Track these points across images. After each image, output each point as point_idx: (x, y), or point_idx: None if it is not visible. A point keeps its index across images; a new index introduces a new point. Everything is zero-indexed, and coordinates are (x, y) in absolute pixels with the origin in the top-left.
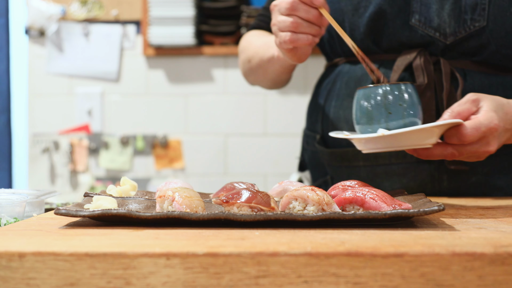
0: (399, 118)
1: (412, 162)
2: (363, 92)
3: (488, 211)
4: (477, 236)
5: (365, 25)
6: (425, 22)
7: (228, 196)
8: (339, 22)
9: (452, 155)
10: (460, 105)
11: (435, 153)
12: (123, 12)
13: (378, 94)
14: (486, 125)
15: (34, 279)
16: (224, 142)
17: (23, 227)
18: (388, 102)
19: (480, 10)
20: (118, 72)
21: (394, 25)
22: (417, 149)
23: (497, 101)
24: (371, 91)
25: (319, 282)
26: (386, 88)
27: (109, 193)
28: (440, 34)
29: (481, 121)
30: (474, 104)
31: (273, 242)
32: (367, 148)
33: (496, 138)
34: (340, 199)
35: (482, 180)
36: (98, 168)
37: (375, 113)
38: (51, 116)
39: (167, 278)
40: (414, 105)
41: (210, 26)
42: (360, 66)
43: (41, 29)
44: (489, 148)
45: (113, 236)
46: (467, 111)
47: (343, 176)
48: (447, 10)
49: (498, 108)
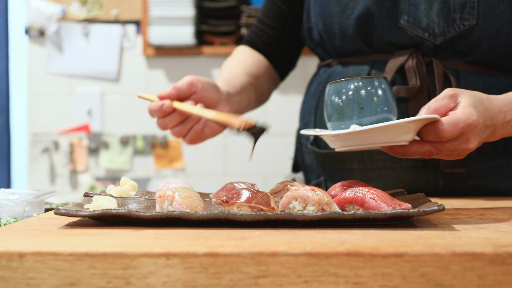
0: (372, 114)
1: (408, 167)
2: (334, 86)
3: (488, 211)
4: (477, 236)
5: (353, 26)
6: (413, 22)
7: (228, 196)
8: (328, 24)
9: (430, 153)
10: (437, 100)
11: (412, 151)
12: (123, 12)
13: (349, 89)
14: (464, 121)
15: (34, 279)
16: (224, 142)
17: (23, 227)
18: (360, 97)
19: (469, 9)
20: (118, 72)
21: (382, 26)
22: (392, 146)
23: (476, 96)
24: (342, 85)
25: (319, 282)
26: (358, 83)
27: (109, 193)
28: (429, 34)
29: (459, 117)
30: (452, 99)
31: (273, 242)
32: (340, 146)
33: (475, 134)
34: (340, 199)
35: (478, 183)
36: (98, 168)
37: (347, 108)
38: (51, 116)
39: (167, 278)
40: (388, 101)
41: (210, 26)
42: (353, 67)
43: (41, 29)
44: (469, 145)
45: (113, 236)
46: (445, 107)
47: (337, 178)
48: (435, 9)
49: (477, 103)
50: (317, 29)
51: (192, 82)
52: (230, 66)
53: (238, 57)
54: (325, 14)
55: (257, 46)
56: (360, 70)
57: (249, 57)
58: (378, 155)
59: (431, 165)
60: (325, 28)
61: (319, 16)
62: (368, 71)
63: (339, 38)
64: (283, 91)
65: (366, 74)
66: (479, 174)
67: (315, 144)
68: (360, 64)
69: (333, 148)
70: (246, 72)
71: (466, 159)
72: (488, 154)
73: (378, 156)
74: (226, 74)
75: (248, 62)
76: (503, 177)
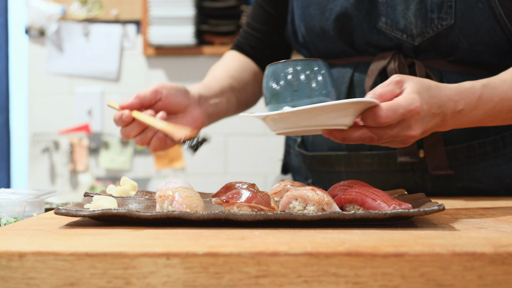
0: (305, 97)
1: (396, 170)
2: (271, 69)
3: (488, 211)
4: (477, 236)
5: (333, 28)
6: (391, 24)
7: (228, 196)
8: (310, 27)
9: (370, 139)
10: (383, 86)
11: (352, 136)
12: (123, 12)
13: (285, 72)
14: (405, 107)
15: (34, 279)
16: (224, 142)
17: (23, 227)
18: (295, 79)
19: (447, 8)
20: (118, 72)
21: (362, 28)
22: (332, 131)
23: (422, 83)
24: (278, 67)
25: (319, 282)
26: (294, 65)
27: (109, 193)
28: (408, 35)
29: (400, 102)
30: (397, 85)
31: (273, 242)
32: (278, 128)
33: (418, 121)
34: (340, 199)
35: (467, 185)
36: (98, 168)
37: (281, 90)
38: (51, 116)
39: (167, 278)
40: (325, 84)
41: (210, 26)
42: (337, 69)
43: (41, 29)
44: (411, 133)
45: (113, 236)
46: (390, 93)
47: (325, 181)
48: (412, 10)
49: (422, 90)
50: (301, 32)
51: (157, 90)
52: (214, 71)
53: (224, 61)
54: (306, 17)
55: (245, 50)
56: (343, 72)
57: (235, 61)
58: (365, 158)
59: (419, 168)
60: (307, 31)
61: (301, 19)
62: (351, 73)
63: (321, 39)
64: None
65: (350, 77)
66: (468, 176)
67: (302, 146)
68: (344, 66)
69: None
70: (230, 76)
71: (455, 161)
72: (477, 156)
73: (365, 159)
74: (207, 78)
75: (232, 66)
76: (492, 178)
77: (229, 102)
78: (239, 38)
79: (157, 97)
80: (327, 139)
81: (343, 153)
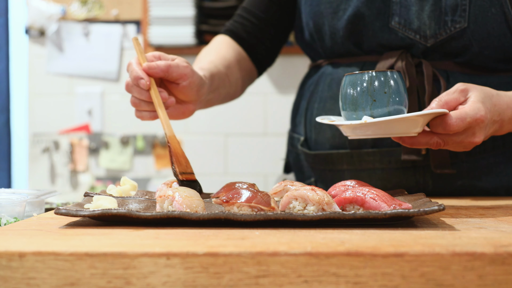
0: (383, 106)
1: (397, 168)
2: (349, 78)
3: (488, 211)
4: (477, 236)
5: (344, 28)
6: (404, 24)
7: (228, 196)
8: (319, 25)
9: (437, 144)
10: (448, 94)
11: (420, 141)
12: (123, 12)
13: (363, 81)
14: (472, 116)
15: (34, 279)
16: (224, 142)
17: (23, 227)
18: (373, 89)
19: (461, 11)
20: (118, 72)
21: (373, 28)
22: (402, 137)
23: (485, 92)
24: (357, 77)
25: (319, 282)
26: (372, 75)
27: (109, 193)
28: (421, 36)
29: (467, 111)
30: (462, 94)
31: (273, 242)
32: (354, 134)
33: (482, 129)
34: (340, 199)
35: (467, 183)
36: (98, 168)
37: (360, 100)
38: (51, 116)
39: (167, 278)
40: (400, 93)
41: (210, 26)
42: (342, 68)
43: (41, 29)
44: (475, 139)
45: (113, 236)
46: (455, 101)
47: (327, 179)
48: (427, 11)
49: (486, 99)
50: (308, 29)
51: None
52: (210, 56)
53: (217, 48)
54: (316, 15)
55: (240, 35)
56: (349, 71)
57: (229, 49)
58: (367, 156)
59: (420, 166)
60: (316, 29)
61: (310, 17)
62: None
63: (329, 39)
64: (283, 91)
65: None
66: (468, 174)
67: (305, 145)
68: (350, 65)
69: (347, 136)
70: (225, 65)
71: (455, 159)
72: (477, 153)
73: (367, 157)
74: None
75: (228, 57)
76: (492, 176)
77: (220, 95)
78: (232, 22)
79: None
80: (330, 138)
81: (345, 151)
